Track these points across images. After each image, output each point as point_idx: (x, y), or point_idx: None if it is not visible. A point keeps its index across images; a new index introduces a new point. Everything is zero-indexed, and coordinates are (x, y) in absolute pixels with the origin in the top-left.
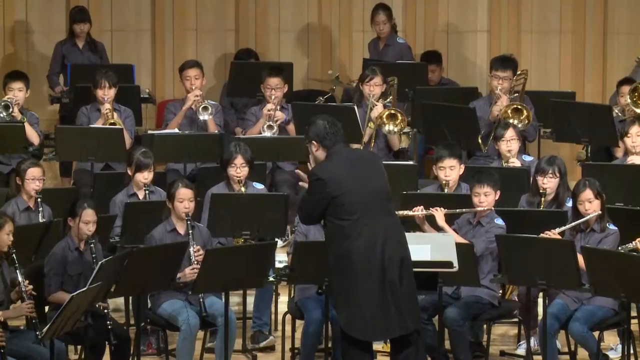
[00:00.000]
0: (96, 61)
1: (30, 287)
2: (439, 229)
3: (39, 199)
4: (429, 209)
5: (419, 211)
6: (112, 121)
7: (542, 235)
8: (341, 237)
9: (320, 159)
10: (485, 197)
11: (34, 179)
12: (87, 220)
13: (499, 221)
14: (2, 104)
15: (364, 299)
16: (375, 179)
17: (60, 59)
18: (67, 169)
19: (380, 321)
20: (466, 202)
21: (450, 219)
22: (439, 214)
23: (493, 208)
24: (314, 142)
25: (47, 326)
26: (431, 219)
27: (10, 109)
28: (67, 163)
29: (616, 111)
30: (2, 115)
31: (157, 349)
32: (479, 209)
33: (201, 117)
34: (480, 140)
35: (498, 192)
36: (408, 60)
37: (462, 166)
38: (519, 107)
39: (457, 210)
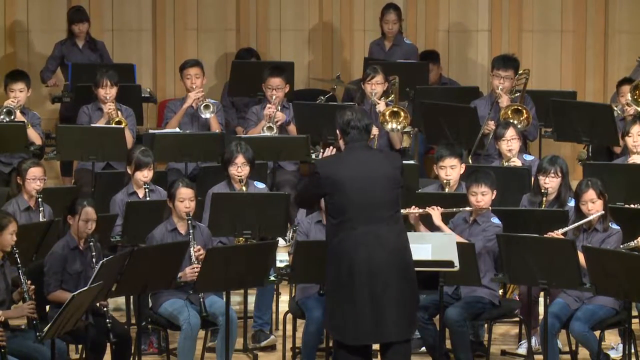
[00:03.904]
0: (96, 60)
1: (32, 287)
2: (434, 228)
3: (39, 199)
4: (425, 208)
5: (414, 210)
6: (118, 119)
7: (545, 236)
8: (331, 234)
9: (341, 149)
10: (483, 197)
11: (35, 178)
12: (87, 218)
13: (496, 220)
14: (5, 110)
15: (341, 299)
16: (379, 185)
17: (59, 59)
18: (68, 168)
19: (354, 325)
20: (466, 202)
21: (445, 218)
22: (436, 212)
23: (490, 207)
24: (337, 130)
25: (48, 326)
26: (427, 219)
27: (13, 115)
28: (68, 162)
29: (617, 110)
30: (5, 120)
31: (158, 349)
32: (476, 208)
33: (203, 116)
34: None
35: (495, 192)
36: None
37: (463, 165)
38: (519, 108)
39: (454, 209)
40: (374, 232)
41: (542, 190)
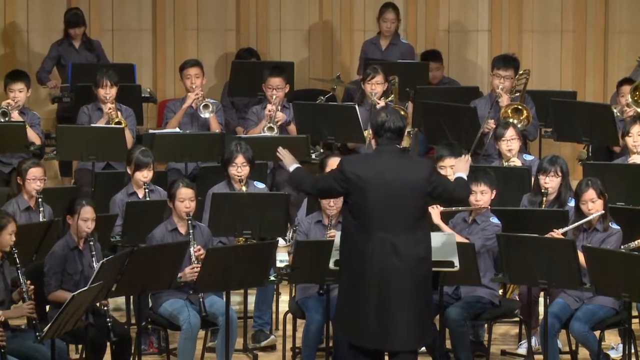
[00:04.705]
0: (92, 60)
1: (32, 287)
2: (433, 227)
3: (39, 199)
4: None
5: None
6: (118, 120)
7: (547, 235)
8: (348, 233)
9: (372, 147)
10: (482, 196)
11: (35, 178)
12: (86, 217)
13: (495, 220)
14: (0, 111)
15: (350, 299)
16: (402, 192)
17: (55, 60)
18: (67, 169)
19: (358, 326)
20: (466, 202)
21: (445, 218)
22: (435, 211)
23: (489, 207)
24: (370, 130)
25: (48, 326)
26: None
27: (8, 116)
28: (67, 162)
29: (616, 112)
30: (1, 121)
31: (158, 349)
32: (475, 207)
33: (203, 115)
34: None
35: (494, 192)
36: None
37: None
38: (519, 107)
39: (454, 208)
40: (390, 239)
41: (542, 190)
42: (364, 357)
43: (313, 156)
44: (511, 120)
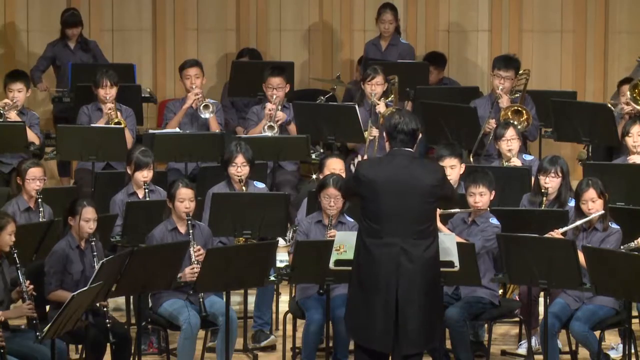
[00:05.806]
0: (88, 60)
1: (31, 287)
2: None
3: (39, 199)
4: None
5: None
6: (117, 120)
7: (546, 235)
8: (360, 235)
9: (386, 149)
10: (481, 197)
11: (35, 179)
12: (88, 218)
13: (494, 221)
14: None
15: (358, 301)
16: (413, 198)
17: (50, 60)
18: (65, 169)
19: (366, 328)
20: (466, 202)
21: (444, 219)
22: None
23: (489, 208)
24: (384, 133)
25: (48, 326)
26: None
27: (3, 117)
28: (65, 162)
29: (615, 110)
30: None
31: (158, 349)
32: (474, 208)
33: (203, 116)
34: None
35: (493, 192)
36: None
37: (463, 165)
38: (519, 108)
39: (452, 210)
40: (400, 244)
41: (542, 190)
42: (371, 358)
43: (313, 156)
44: (511, 121)
